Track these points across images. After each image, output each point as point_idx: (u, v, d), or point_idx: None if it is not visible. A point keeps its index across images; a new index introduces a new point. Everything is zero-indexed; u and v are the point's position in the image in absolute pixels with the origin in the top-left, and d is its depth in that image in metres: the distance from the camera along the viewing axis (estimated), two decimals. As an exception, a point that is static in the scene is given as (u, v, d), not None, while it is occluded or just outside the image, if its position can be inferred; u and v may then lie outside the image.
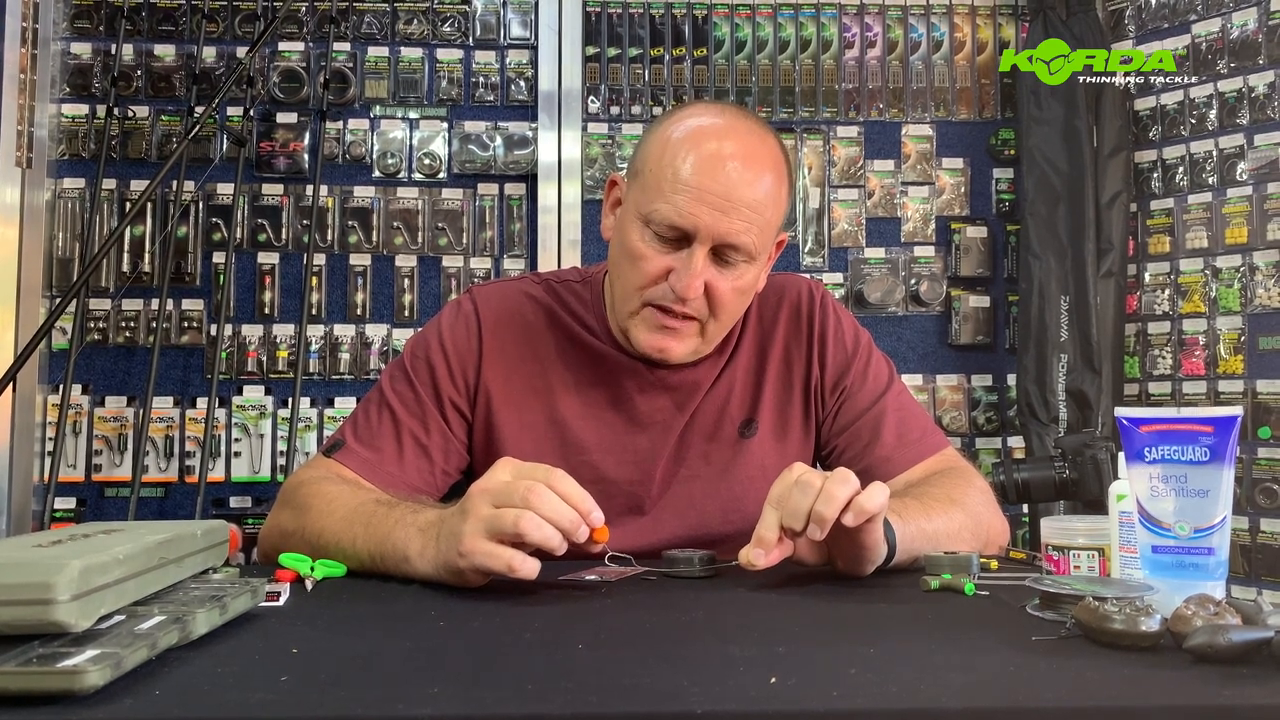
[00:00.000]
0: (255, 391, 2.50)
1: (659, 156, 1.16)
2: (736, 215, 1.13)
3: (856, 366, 1.32)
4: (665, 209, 1.13)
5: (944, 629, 0.81)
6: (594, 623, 0.83)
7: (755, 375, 1.31)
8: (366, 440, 1.25)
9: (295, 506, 1.17)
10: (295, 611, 0.87)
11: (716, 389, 1.30)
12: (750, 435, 1.29)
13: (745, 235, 1.14)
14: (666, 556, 1.04)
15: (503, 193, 2.57)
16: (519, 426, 1.25)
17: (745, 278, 1.18)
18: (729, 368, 1.31)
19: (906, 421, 1.30)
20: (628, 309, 1.20)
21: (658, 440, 1.27)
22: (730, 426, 1.29)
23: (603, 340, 1.29)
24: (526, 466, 0.93)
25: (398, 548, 1.00)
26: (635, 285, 1.18)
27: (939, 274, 2.59)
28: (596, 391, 1.27)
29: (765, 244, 1.19)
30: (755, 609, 0.89)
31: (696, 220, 1.13)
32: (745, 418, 1.30)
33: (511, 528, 0.88)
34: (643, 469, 1.26)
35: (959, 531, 1.11)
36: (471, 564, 0.90)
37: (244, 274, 2.52)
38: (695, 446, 1.28)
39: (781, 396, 1.31)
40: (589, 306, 1.31)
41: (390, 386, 1.28)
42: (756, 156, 1.16)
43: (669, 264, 1.15)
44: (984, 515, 1.18)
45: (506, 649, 0.73)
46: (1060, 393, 2.39)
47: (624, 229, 1.19)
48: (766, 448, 1.29)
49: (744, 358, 1.31)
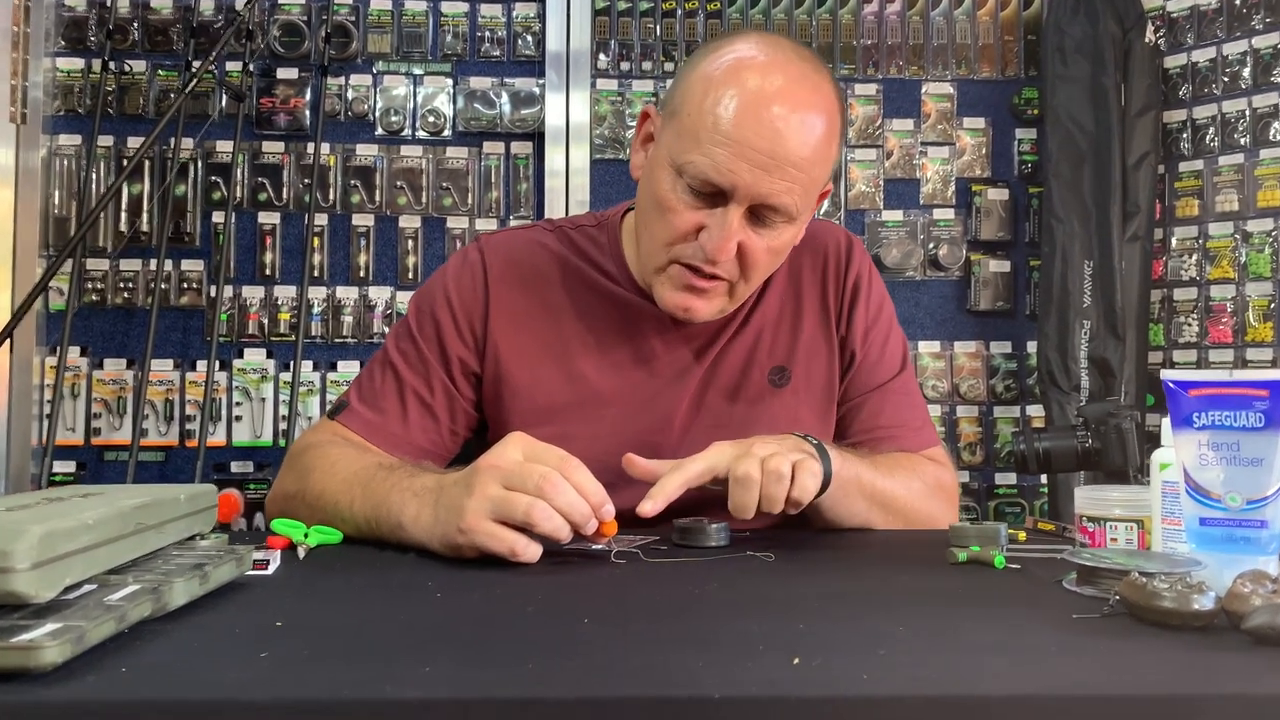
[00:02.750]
0: (256, 354, 2.45)
1: (699, 98, 1.05)
2: (780, 174, 1.03)
3: (876, 336, 1.26)
4: (701, 162, 1.04)
5: (976, 605, 0.75)
6: (601, 595, 0.78)
7: (791, 321, 1.23)
8: (370, 401, 1.20)
9: (299, 470, 1.13)
10: (284, 581, 0.82)
11: (744, 334, 1.22)
12: (782, 384, 1.22)
13: (787, 196, 1.05)
14: (679, 526, 0.99)
15: (509, 152, 2.51)
16: (531, 383, 1.19)
17: (782, 238, 1.10)
18: (757, 311, 1.23)
19: (911, 408, 1.26)
20: (654, 263, 1.13)
21: (678, 388, 1.20)
22: (759, 374, 1.21)
23: (622, 286, 1.22)
24: (540, 448, 0.88)
25: (392, 513, 0.95)
26: (663, 240, 1.10)
27: (958, 238, 2.52)
28: (615, 341, 1.21)
29: (808, 204, 1.10)
30: (772, 581, 0.84)
31: (735, 179, 1.03)
32: (776, 365, 1.22)
33: (523, 516, 0.83)
34: (663, 419, 1.19)
35: (904, 499, 1.11)
36: (471, 542, 0.85)
37: (244, 234, 2.47)
38: (719, 395, 1.21)
39: (819, 345, 1.23)
40: (606, 251, 1.24)
41: (394, 344, 1.23)
42: (807, 104, 1.04)
43: (701, 220, 1.07)
44: (928, 508, 1.15)
45: (506, 623, 0.68)
46: (1082, 360, 2.32)
47: (655, 174, 1.10)
48: (800, 399, 1.22)
49: (774, 302, 1.24)
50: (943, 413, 2.50)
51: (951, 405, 2.52)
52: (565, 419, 1.19)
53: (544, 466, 0.85)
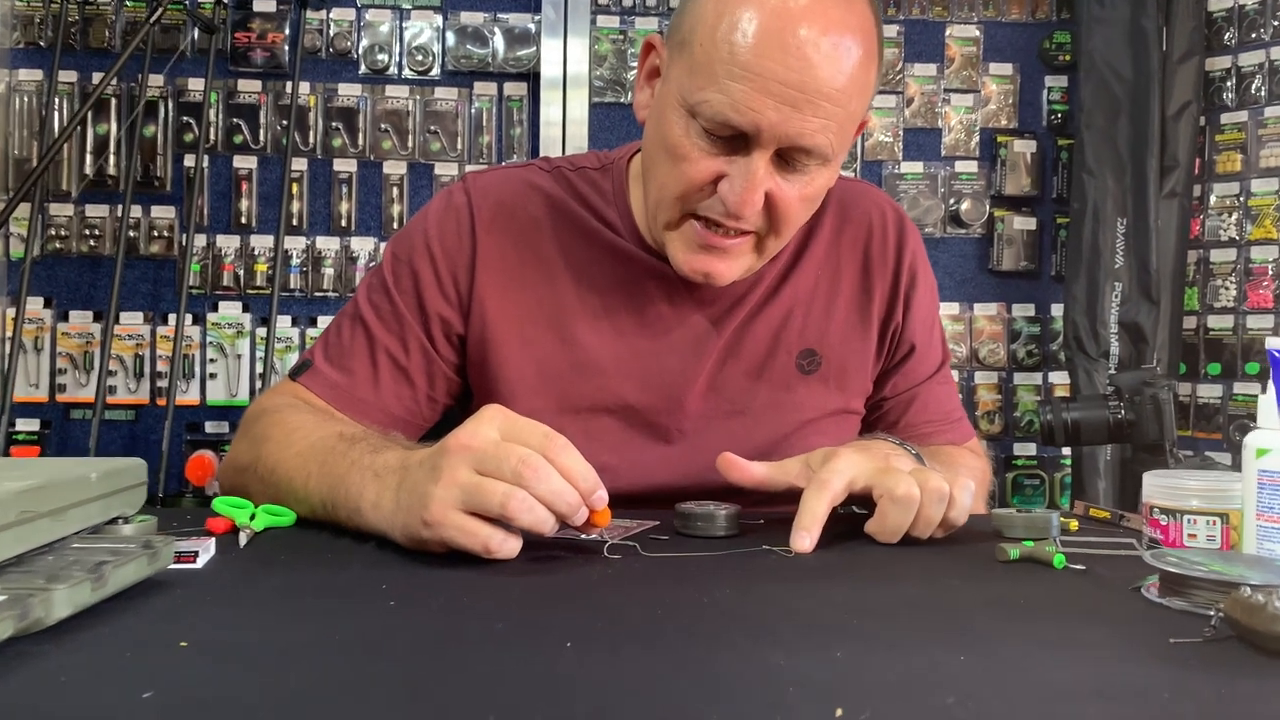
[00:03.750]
0: (232, 308, 2.31)
1: (711, 24, 0.89)
2: (811, 110, 0.87)
3: (925, 324, 1.14)
4: (718, 100, 0.87)
5: (1046, 623, 0.62)
6: (588, 606, 0.64)
7: (826, 300, 1.10)
8: (337, 361, 1.06)
9: (252, 438, 0.99)
10: (210, 580, 0.68)
11: (771, 309, 1.08)
12: (812, 371, 1.08)
13: (821, 135, 0.89)
14: (681, 511, 0.85)
15: (502, 93, 2.35)
16: (520, 344, 1.05)
17: (816, 182, 0.94)
18: (788, 284, 1.09)
19: (951, 398, 1.19)
20: (665, 218, 0.97)
21: (690, 363, 1.06)
22: (786, 357, 1.08)
23: (627, 239, 1.07)
24: (521, 425, 0.74)
25: (350, 495, 0.81)
26: (675, 192, 0.94)
27: (981, 192, 2.39)
28: (616, 301, 1.06)
29: (845, 142, 0.93)
30: (794, 585, 0.70)
31: (758, 118, 0.87)
32: (807, 348, 1.09)
33: (497, 509, 0.70)
34: (671, 396, 1.06)
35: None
36: (438, 537, 0.72)
37: (218, 179, 2.32)
38: (740, 375, 1.07)
39: (856, 331, 1.10)
40: (609, 198, 1.09)
41: (366, 297, 1.09)
42: (840, 25, 0.88)
43: (720, 168, 0.91)
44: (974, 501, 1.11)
45: (469, 648, 0.54)
46: (1112, 325, 2.18)
47: (663, 116, 0.94)
48: (830, 388, 1.09)
49: (808, 274, 1.10)
50: (960, 379, 2.38)
51: (970, 371, 2.39)
52: (558, 391, 1.05)
53: (524, 448, 0.71)
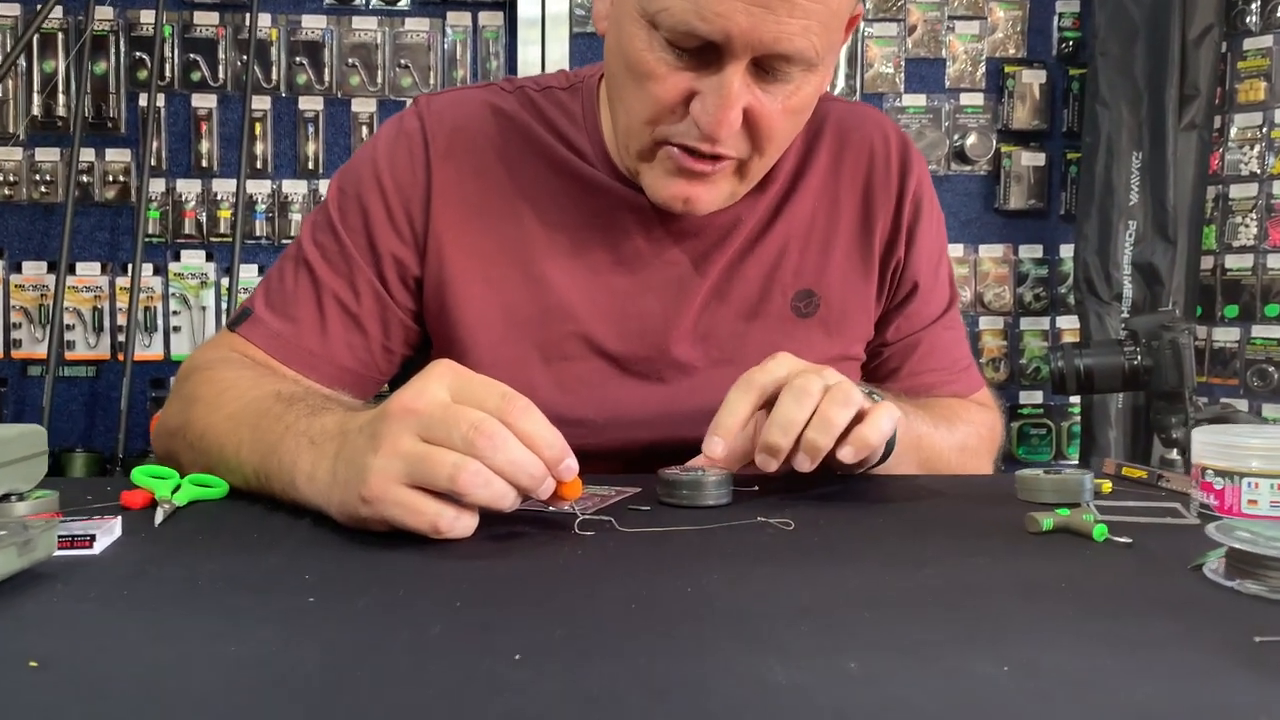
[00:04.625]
0: (195, 257, 2.20)
1: None
2: (787, 10, 0.75)
3: (930, 261, 1.03)
4: (679, 7, 0.76)
5: (1097, 616, 0.51)
6: (547, 602, 0.53)
7: (824, 234, 0.99)
8: (279, 308, 0.95)
9: (183, 398, 0.89)
10: (103, 571, 0.58)
11: (763, 246, 0.97)
12: (809, 314, 0.98)
13: (803, 39, 0.77)
14: (665, 479, 0.74)
15: (476, 24, 2.25)
16: (483, 286, 0.94)
17: (802, 92, 0.82)
18: (781, 218, 0.98)
19: (959, 344, 1.08)
20: (636, 147, 0.86)
21: (672, 305, 0.95)
22: (781, 298, 0.98)
23: (597, 166, 0.96)
24: (475, 383, 0.63)
25: (284, 466, 0.71)
26: (642, 116, 0.83)
27: (988, 126, 2.32)
28: (589, 237, 0.95)
29: (832, 42, 0.81)
30: (796, 569, 0.59)
31: (727, 24, 0.75)
32: (803, 288, 0.98)
33: (445, 482, 0.60)
34: (653, 342, 0.95)
35: (957, 462, 0.96)
36: (379, 515, 0.61)
37: (176, 120, 2.21)
38: (729, 319, 0.97)
39: (856, 269, 0.99)
40: (578, 122, 0.97)
41: (311, 236, 0.98)
42: None
43: (690, 85, 0.80)
44: (980, 466, 1.01)
45: (394, 663, 0.43)
46: (1125, 266, 2.08)
47: (622, 28, 0.82)
48: (830, 333, 0.99)
49: (804, 207, 0.98)
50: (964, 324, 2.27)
51: (974, 316, 2.30)
52: (526, 337, 0.94)
53: (477, 412, 0.61)
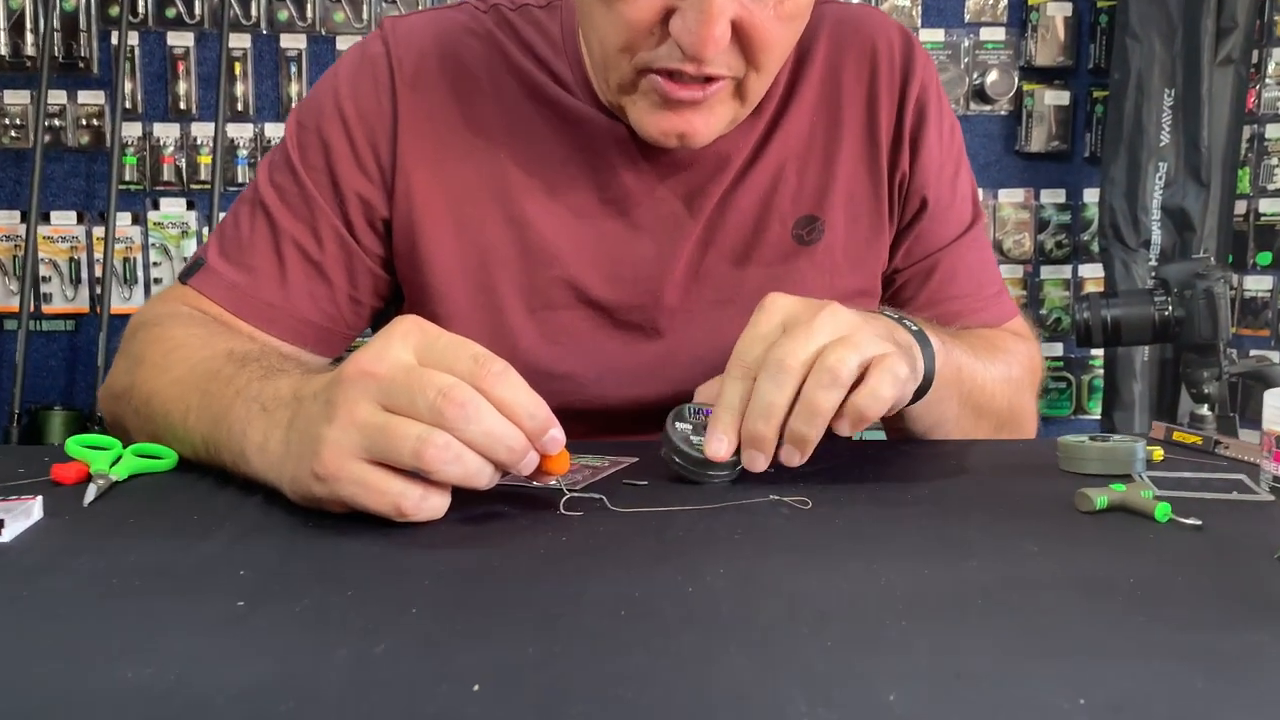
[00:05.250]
0: (175, 205, 2.11)
1: None
2: None
3: (948, 173, 0.92)
4: None
5: (1175, 620, 0.42)
6: (518, 607, 0.44)
7: (824, 149, 0.88)
8: (234, 257, 0.86)
9: (130, 357, 0.80)
10: (5, 565, 0.49)
11: (757, 170, 0.87)
12: (813, 241, 0.88)
13: None
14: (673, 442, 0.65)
15: (467, -46, 2.09)
16: (456, 228, 0.85)
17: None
18: (776, 135, 0.88)
19: (986, 267, 0.96)
20: (615, 79, 0.76)
21: (666, 246, 0.86)
22: (780, 227, 0.88)
23: (577, 95, 0.86)
24: (444, 343, 0.54)
25: (234, 436, 0.62)
26: (617, 43, 0.73)
27: (1010, 63, 2.21)
28: (572, 174, 0.86)
29: None
30: (818, 563, 0.50)
31: None
32: (805, 214, 0.88)
33: (409, 458, 0.51)
34: (646, 288, 0.86)
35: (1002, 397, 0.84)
36: (334, 495, 0.53)
37: (151, 59, 2.11)
38: (725, 255, 0.88)
39: (864, 187, 0.89)
40: (556, 45, 0.87)
41: (268, 178, 0.88)
42: None
43: (665, 1, 0.71)
44: (1024, 405, 0.90)
45: (319, 692, 0.35)
46: (1155, 211, 1.98)
47: None
48: (838, 260, 0.89)
49: (802, 120, 0.88)
50: (981, 273, 2.19)
51: (992, 264, 2.20)
52: (506, 284, 0.85)
53: (446, 376, 0.52)
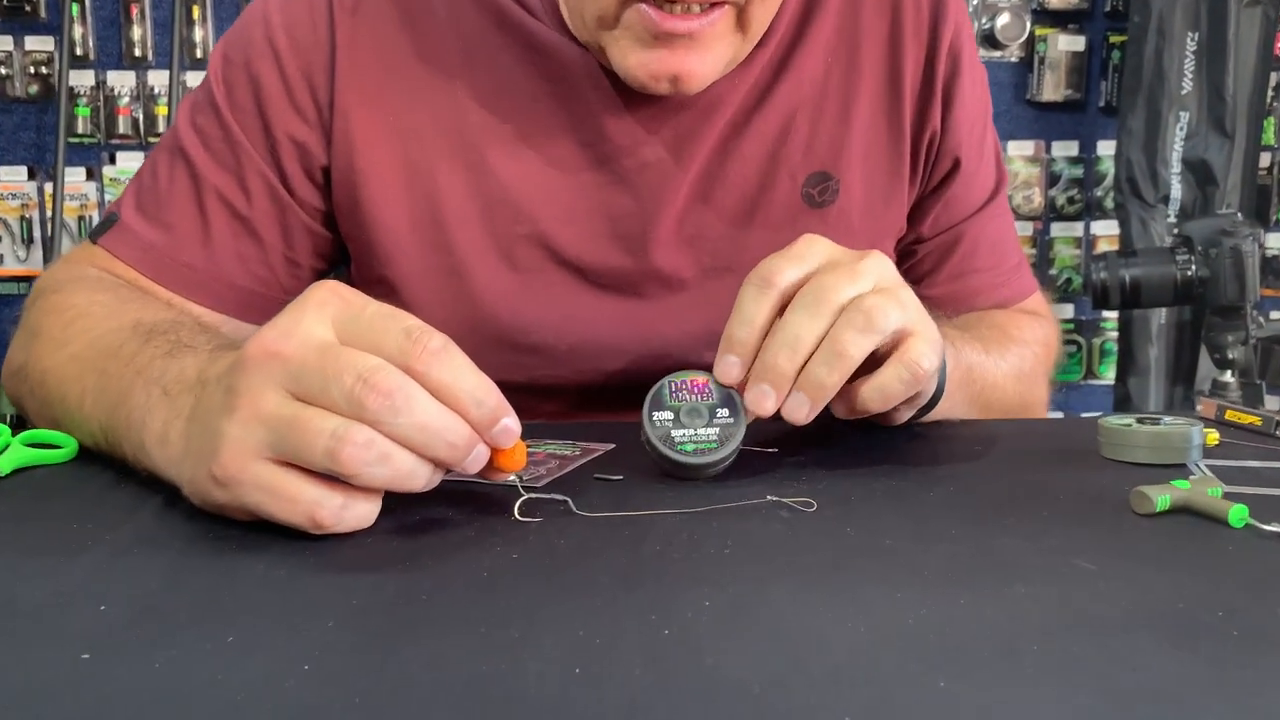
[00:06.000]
0: (132, 160, 2.01)
1: None
2: None
3: (976, 132, 0.82)
4: None
5: None
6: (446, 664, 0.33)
7: (841, 98, 0.78)
8: (151, 212, 0.75)
9: (28, 329, 0.70)
10: None
11: (762, 118, 0.77)
12: (826, 202, 0.78)
13: None
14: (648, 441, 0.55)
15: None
16: (407, 177, 0.74)
17: None
18: (785, 79, 0.77)
19: (1008, 237, 0.88)
20: (595, 11, 0.66)
21: (651, 201, 0.76)
22: (789, 184, 0.77)
23: (550, 25, 0.74)
24: (369, 315, 0.44)
25: (133, 422, 0.52)
26: None
27: (1021, 5, 2.09)
28: (543, 116, 0.75)
29: None
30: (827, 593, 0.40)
31: None
32: (816, 170, 0.78)
33: (323, 459, 0.41)
34: (631, 249, 0.76)
35: (1013, 393, 0.79)
36: (237, 501, 0.43)
37: (103, 2, 1.98)
38: (724, 214, 0.78)
39: (883, 140, 0.79)
40: None
41: (189, 121, 0.77)
42: None
43: None
44: (1037, 394, 0.85)
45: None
46: (1175, 164, 1.88)
47: None
48: (853, 224, 0.79)
49: (813, 61, 0.78)
50: (988, 231, 2.10)
51: (1000, 222, 2.11)
52: (462, 242, 0.74)
53: (369, 357, 0.42)
